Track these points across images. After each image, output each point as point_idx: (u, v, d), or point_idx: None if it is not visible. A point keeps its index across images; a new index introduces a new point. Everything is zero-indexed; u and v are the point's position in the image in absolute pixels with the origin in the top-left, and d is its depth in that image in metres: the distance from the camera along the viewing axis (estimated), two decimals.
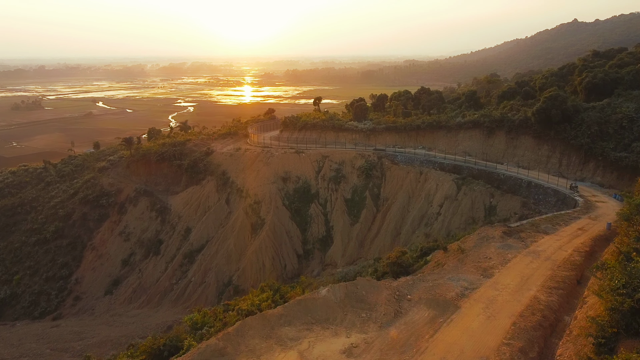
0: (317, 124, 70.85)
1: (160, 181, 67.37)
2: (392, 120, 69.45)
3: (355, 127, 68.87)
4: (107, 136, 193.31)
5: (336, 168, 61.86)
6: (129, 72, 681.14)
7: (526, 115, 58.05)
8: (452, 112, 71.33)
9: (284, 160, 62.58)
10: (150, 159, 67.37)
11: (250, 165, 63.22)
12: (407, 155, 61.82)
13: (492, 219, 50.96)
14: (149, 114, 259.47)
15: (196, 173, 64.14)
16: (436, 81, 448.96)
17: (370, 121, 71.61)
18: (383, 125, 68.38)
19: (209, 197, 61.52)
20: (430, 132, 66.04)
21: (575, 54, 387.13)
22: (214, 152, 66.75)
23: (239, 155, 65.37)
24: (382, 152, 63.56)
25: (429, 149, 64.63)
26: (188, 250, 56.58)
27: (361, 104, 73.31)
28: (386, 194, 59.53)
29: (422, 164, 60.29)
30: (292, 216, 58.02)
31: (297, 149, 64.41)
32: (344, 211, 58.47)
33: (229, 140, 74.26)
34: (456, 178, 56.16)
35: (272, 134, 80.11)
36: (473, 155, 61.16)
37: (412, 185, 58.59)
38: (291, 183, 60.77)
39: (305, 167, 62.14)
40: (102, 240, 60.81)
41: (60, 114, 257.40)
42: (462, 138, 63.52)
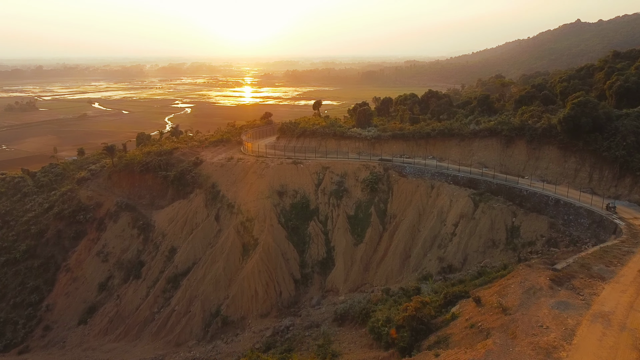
0: (317, 130, 64.82)
1: (145, 194, 61.30)
2: (398, 127, 63.42)
3: (359, 134, 62.85)
4: (100, 139, 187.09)
5: (338, 181, 55.81)
6: (128, 73, 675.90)
7: (550, 123, 52.02)
8: (465, 118, 65.27)
9: (280, 172, 56.53)
10: (133, 169, 61.30)
11: (242, 178, 57.17)
12: (417, 166, 55.76)
13: (515, 242, 44.99)
14: (145, 116, 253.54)
15: (183, 186, 58.08)
16: (438, 82, 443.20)
17: (374, 128, 65.56)
18: (389, 132, 62.35)
19: (197, 213, 55.45)
20: (442, 140, 59.99)
21: (579, 54, 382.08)
22: (204, 162, 60.68)
23: (230, 165, 59.31)
24: (388, 162, 57.50)
25: (440, 159, 58.59)
26: (172, 274, 50.51)
27: (365, 109, 67.33)
28: (394, 211, 53.47)
29: (433, 177, 54.25)
30: (288, 235, 51.94)
31: (295, 159, 58.37)
32: (347, 230, 52.42)
33: (221, 148, 68.20)
34: (472, 194, 50.11)
35: (268, 140, 74.10)
36: (489, 166, 55.09)
37: (423, 201, 52.52)
38: (288, 198, 54.71)
39: (303, 180, 56.09)
40: (77, 261, 54.75)
41: (54, 116, 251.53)
42: (477, 147, 57.47)
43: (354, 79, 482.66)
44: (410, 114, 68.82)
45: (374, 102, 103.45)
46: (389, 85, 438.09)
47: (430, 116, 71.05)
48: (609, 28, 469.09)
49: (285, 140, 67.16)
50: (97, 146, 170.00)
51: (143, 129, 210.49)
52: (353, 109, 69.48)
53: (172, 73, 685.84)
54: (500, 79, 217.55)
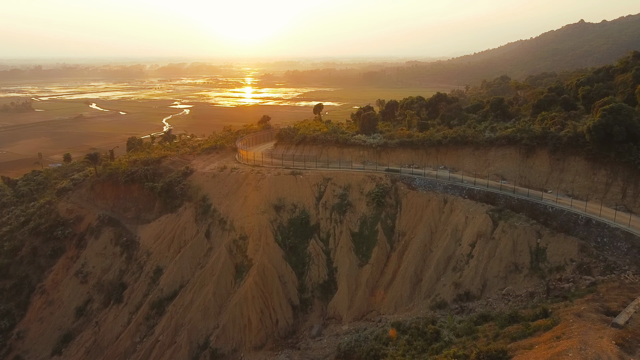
0: (318, 137, 59.74)
1: (130, 206, 56.26)
2: (406, 133, 58.34)
3: (363, 142, 57.77)
4: (95, 141, 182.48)
5: (341, 194, 50.73)
6: (127, 73, 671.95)
7: (576, 132, 46.93)
8: (478, 124, 60.19)
9: (278, 184, 51.47)
10: (118, 179, 56.26)
11: (236, 190, 52.12)
12: (427, 178, 50.67)
13: (541, 267, 39.92)
14: (142, 117, 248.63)
15: (171, 198, 53.04)
16: (440, 83, 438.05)
17: (380, 134, 60.49)
18: (396, 140, 57.28)
19: (186, 229, 50.40)
20: (454, 149, 54.90)
21: (583, 55, 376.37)
22: (194, 172, 55.64)
23: (223, 176, 54.25)
24: (396, 173, 52.43)
25: (453, 170, 53.52)
26: (157, 299, 45.47)
27: (370, 114, 62.21)
28: (402, 228, 48.37)
29: (446, 190, 49.17)
30: (286, 255, 46.87)
31: (294, 170, 53.32)
32: (351, 248, 47.35)
33: (214, 155, 63.15)
34: (491, 210, 45.03)
35: (265, 146, 69.05)
36: (508, 178, 50.03)
37: (435, 217, 47.43)
38: (286, 213, 49.63)
39: (303, 193, 51.02)
40: (54, 282, 49.73)
41: (50, 117, 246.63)
42: (493, 157, 52.38)
43: (355, 79, 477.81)
44: (419, 119, 63.71)
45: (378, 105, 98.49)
46: (391, 86, 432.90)
47: (440, 121, 65.94)
48: (614, 28, 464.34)
49: (283, 148, 62.10)
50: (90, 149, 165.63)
51: (139, 131, 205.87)
52: (357, 113, 64.42)
53: (172, 73, 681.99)
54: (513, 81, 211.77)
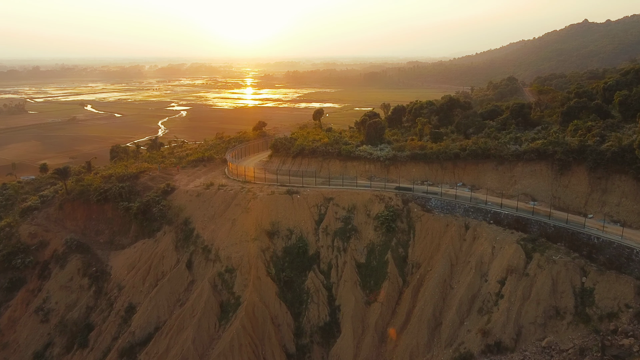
0: (318, 149, 52.64)
1: (103, 229, 49.25)
2: (418, 145, 51.31)
3: (370, 154, 50.73)
4: (86, 145, 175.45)
5: (344, 217, 43.72)
6: (126, 73, 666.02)
7: (622, 145, 39.90)
8: (501, 134, 53.12)
9: (271, 205, 44.45)
10: (90, 198, 49.23)
11: (223, 212, 45.11)
12: (445, 198, 43.61)
13: (588, 312, 32.89)
14: (137, 120, 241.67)
15: (149, 221, 46.02)
16: (442, 84, 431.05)
17: (388, 145, 53.47)
18: (407, 152, 50.24)
19: (164, 258, 43.38)
20: (474, 163, 47.84)
21: (589, 55, 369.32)
22: (176, 190, 48.61)
23: (209, 195, 47.21)
24: (407, 192, 45.37)
25: (473, 188, 46.50)
26: (127, 344, 38.47)
27: (376, 122, 55.09)
28: (417, 258, 41.33)
29: (467, 213, 42.15)
30: (280, 292, 39.87)
31: (290, 188, 46.28)
32: (356, 283, 40.35)
33: (201, 169, 56.11)
34: (522, 239, 38.00)
35: (260, 157, 62.11)
36: (539, 199, 43.02)
37: (455, 246, 40.39)
38: (280, 240, 42.60)
39: (300, 216, 43.98)
40: (10, 320, 42.74)
41: (43, 119, 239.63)
42: (520, 174, 45.31)
43: (356, 80, 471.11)
44: (431, 127, 56.63)
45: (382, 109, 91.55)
46: (392, 87, 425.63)
47: (455, 130, 58.89)
48: (618, 28, 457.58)
49: (278, 161, 55.03)
50: (85, 152, 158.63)
51: (133, 135, 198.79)
52: (361, 121, 57.33)
53: (171, 74, 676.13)
54: (512, 81, 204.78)
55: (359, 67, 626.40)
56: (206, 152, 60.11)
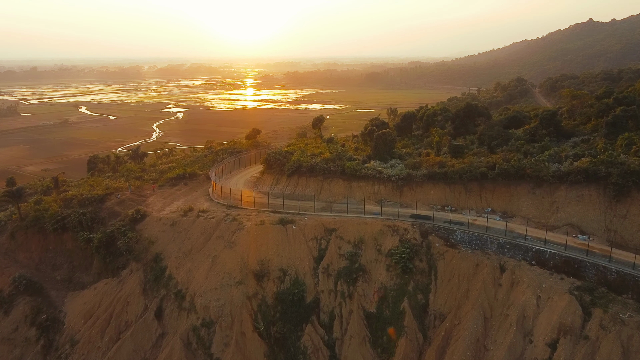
0: (318, 167, 44.53)
1: (62, 263, 41.27)
2: (437, 161, 43.27)
3: (379, 173, 42.65)
4: (76, 150, 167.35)
5: (349, 253, 35.69)
6: (125, 74, 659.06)
7: None
8: (535, 149, 45.00)
9: (260, 239, 36.42)
10: (45, 226, 41.22)
11: (202, 246, 37.09)
12: (473, 231, 35.55)
13: None
14: (132, 122, 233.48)
15: (113, 256, 38.02)
16: (445, 84, 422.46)
17: (400, 161, 45.46)
18: (424, 170, 42.15)
19: (129, 305, 35.39)
20: (505, 185, 39.77)
21: (595, 55, 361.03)
22: (147, 218, 40.58)
23: (186, 224, 39.18)
24: (426, 222, 37.31)
25: (504, 215, 38.46)
26: None
27: (385, 133, 46.93)
28: (440, 307, 33.29)
29: (501, 250, 34.09)
30: (270, 352, 31.85)
31: (283, 216, 38.23)
32: (365, 339, 32.33)
33: (181, 188, 48.06)
34: (576, 287, 29.97)
35: (252, 171, 54.23)
36: (588, 231, 34.98)
37: (489, 293, 32.33)
38: (271, 283, 34.58)
39: (296, 252, 35.94)
40: None
41: (34, 122, 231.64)
42: (563, 199, 37.20)
43: (357, 80, 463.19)
44: (450, 139, 48.48)
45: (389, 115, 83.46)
46: (394, 88, 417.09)
47: (477, 142, 50.82)
48: (624, 27, 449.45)
49: (271, 179, 46.95)
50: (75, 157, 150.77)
51: (126, 138, 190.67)
52: (368, 132, 49.08)
53: (170, 74, 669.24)
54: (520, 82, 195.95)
55: (360, 68, 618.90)
56: (188, 168, 51.98)
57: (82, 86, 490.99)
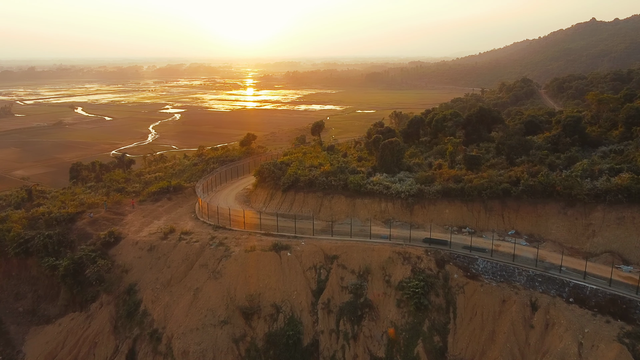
0: (317, 181, 39.51)
1: (26, 292, 36.29)
2: (452, 175, 38.20)
3: (386, 188, 37.65)
4: (69, 152, 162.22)
5: (354, 285, 30.70)
6: (123, 74, 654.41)
7: None
8: (559, 160, 39.98)
9: (250, 268, 31.44)
10: (7, 249, 36.21)
11: (182, 277, 32.10)
12: (498, 260, 30.53)
13: None
14: (128, 124, 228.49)
15: (82, 287, 33.07)
16: (447, 84, 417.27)
17: (410, 175, 40.47)
18: (437, 186, 37.13)
19: (97, 346, 30.42)
20: (531, 204, 34.79)
21: (599, 55, 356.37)
22: (122, 241, 35.59)
23: (165, 249, 34.18)
24: (442, 247, 32.30)
25: (531, 239, 33.49)
26: None
27: (392, 142, 41.83)
28: (461, 352, 28.27)
29: (531, 283, 29.10)
30: None
31: (277, 241, 33.24)
32: None
33: (164, 204, 43.03)
34: (625, 333, 25.06)
35: (245, 182, 49.33)
36: (633, 261, 29.98)
37: (519, 337, 27.31)
38: (262, 322, 29.57)
39: (291, 284, 30.96)
40: None
41: (28, 123, 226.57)
42: (600, 222, 32.20)
43: (358, 80, 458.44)
44: (465, 149, 43.42)
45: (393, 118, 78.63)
46: (395, 88, 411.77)
47: (495, 152, 45.79)
48: (628, 27, 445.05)
49: (265, 194, 41.91)
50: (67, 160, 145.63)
51: (121, 140, 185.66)
52: (373, 141, 43.97)
53: (169, 74, 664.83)
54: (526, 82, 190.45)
55: (360, 67, 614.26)
56: (173, 180, 46.96)
57: (80, 86, 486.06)
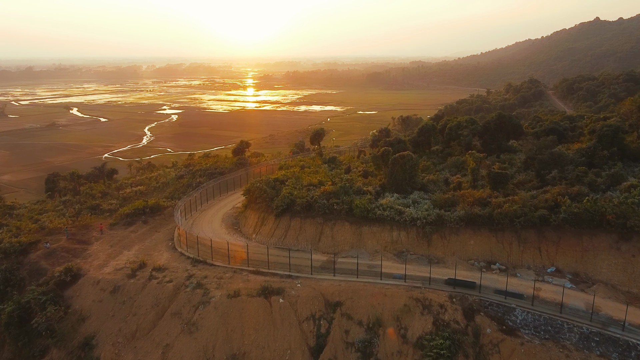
0: (316, 204, 33.43)
1: None
2: (476, 196, 32.13)
3: (399, 214, 31.60)
4: (59, 156, 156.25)
5: (362, 342, 24.68)
6: (122, 74, 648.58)
7: None
8: (601, 177, 33.88)
9: (234, 320, 25.43)
10: None
11: (151, 328, 26.10)
12: (540, 310, 24.49)
13: None
14: (123, 125, 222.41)
15: (29, 337, 27.06)
16: (449, 84, 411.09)
17: (424, 195, 34.41)
18: (459, 211, 31.06)
19: None
20: (575, 235, 28.74)
21: (605, 55, 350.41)
22: (81, 279, 29.57)
23: (132, 291, 28.17)
24: (469, 292, 26.25)
25: (577, 279, 27.45)
26: None
27: (404, 156, 35.66)
28: None
29: (585, 344, 23.06)
30: None
31: (267, 283, 27.22)
32: None
33: (138, 229, 36.93)
34: None
35: (235, 199, 43.35)
36: None
37: None
38: None
39: (284, 339, 24.95)
40: None
41: (20, 125, 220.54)
42: None
43: (359, 80, 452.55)
44: (489, 165, 37.26)
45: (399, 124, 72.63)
46: (397, 88, 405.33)
47: (522, 167, 39.68)
48: (633, 26, 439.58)
49: (255, 217, 35.83)
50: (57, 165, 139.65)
51: (114, 143, 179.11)
52: (381, 154, 37.46)
53: (168, 74, 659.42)
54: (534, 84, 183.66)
55: (361, 67, 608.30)
56: (152, 198, 40.85)
57: (78, 86, 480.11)
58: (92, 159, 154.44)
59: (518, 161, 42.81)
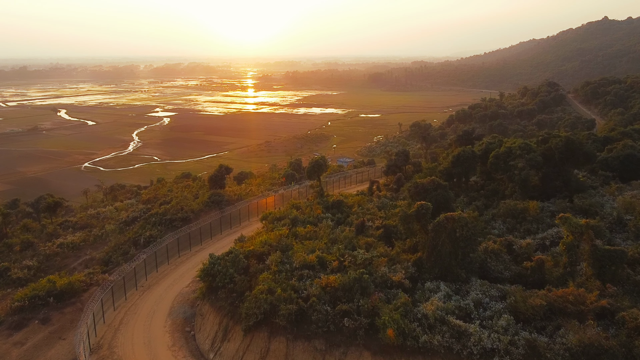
0: (313, 315, 19.72)
1: None
2: (590, 302, 18.40)
3: (458, 336, 17.80)
4: (34, 165, 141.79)
5: None
6: (118, 73, 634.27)
7: None
8: None
9: None
10: None
11: None
12: None
13: None
14: (111, 129, 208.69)
15: None
16: (454, 86, 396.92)
17: (491, 287, 20.63)
18: (571, 339, 17.25)
19: None
20: None
21: (617, 55, 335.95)
22: None
23: None
24: None
25: None
26: None
27: (455, 221, 22.10)
28: None
29: None
30: None
31: None
32: None
33: (30, 335, 22.61)
34: None
35: (199, 262, 29.65)
36: None
37: None
38: None
39: None
40: None
41: (1, 129, 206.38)
42: None
43: (360, 81, 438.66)
44: (593, 242, 23.65)
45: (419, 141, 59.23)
46: (399, 89, 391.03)
47: (616, 220, 26.09)
48: None
49: (215, 324, 21.87)
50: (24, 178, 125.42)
51: (98, 149, 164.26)
52: (416, 212, 23.81)
53: (166, 74, 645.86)
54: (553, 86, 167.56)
55: (362, 67, 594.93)
56: (64, 277, 26.74)
57: (72, 86, 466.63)
58: (70, 169, 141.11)
59: (610, 212, 29.11)
